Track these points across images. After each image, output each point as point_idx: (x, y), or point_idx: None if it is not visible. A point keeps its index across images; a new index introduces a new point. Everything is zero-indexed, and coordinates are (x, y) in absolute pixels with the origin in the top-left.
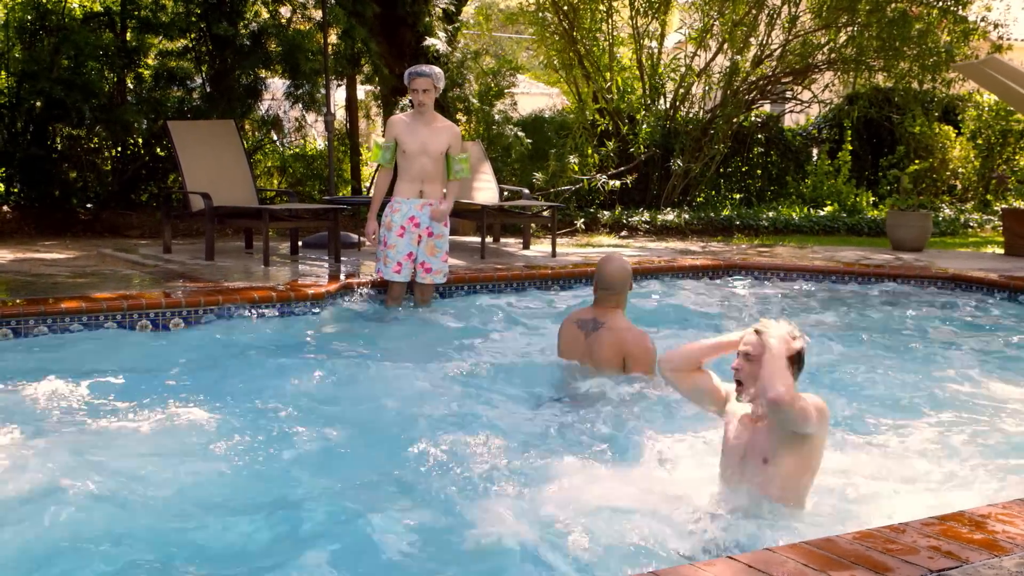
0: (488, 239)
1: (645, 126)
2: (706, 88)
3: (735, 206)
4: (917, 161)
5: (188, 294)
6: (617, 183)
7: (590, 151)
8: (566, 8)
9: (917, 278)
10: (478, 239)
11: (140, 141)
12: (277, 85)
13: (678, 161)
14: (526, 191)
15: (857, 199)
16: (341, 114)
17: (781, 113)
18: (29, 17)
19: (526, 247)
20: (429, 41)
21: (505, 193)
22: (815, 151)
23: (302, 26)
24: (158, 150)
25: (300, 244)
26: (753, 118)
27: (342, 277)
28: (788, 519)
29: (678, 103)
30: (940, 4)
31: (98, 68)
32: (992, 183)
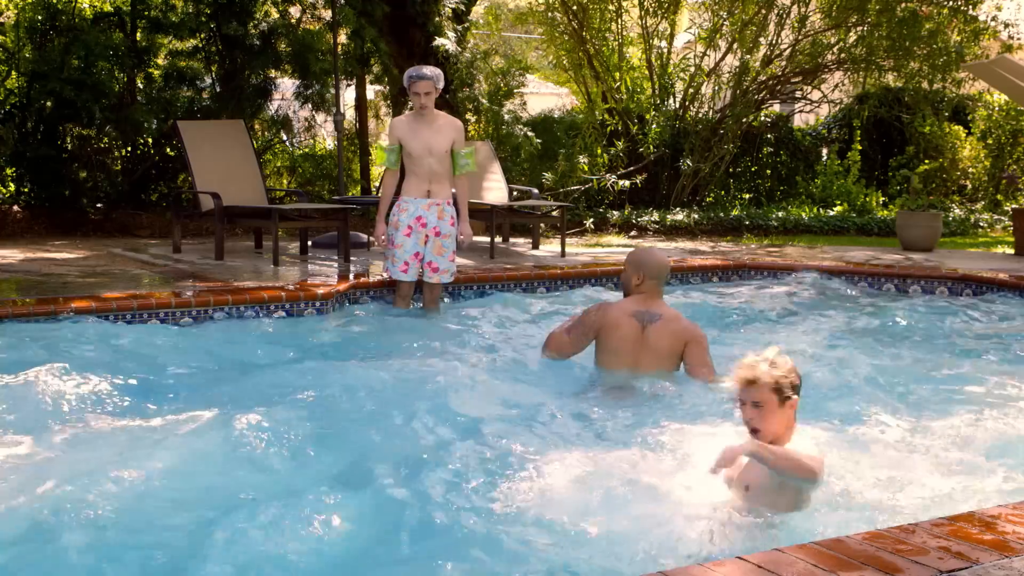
0: (497, 239)
1: (655, 126)
2: (716, 88)
3: (744, 206)
4: (927, 161)
5: (198, 294)
6: (627, 183)
7: (599, 151)
8: (575, 8)
9: (927, 278)
10: (487, 239)
11: (150, 141)
12: (287, 85)
13: (687, 161)
14: (535, 191)
15: (867, 199)
16: (351, 114)
17: (791, 113)
18: (39, 17)
19: (535, 247)
20: (439, 41)
21: (514, 193)
22: (825, 151)
23: (312, 26)
24: (168, 150)
25: (310, 244)
26: (763, 118)
27: (351, 277)
28: (798, 520)
29: (687, 103)
30: (950, 4)
31: (108, 68)
32: (1002, 183)
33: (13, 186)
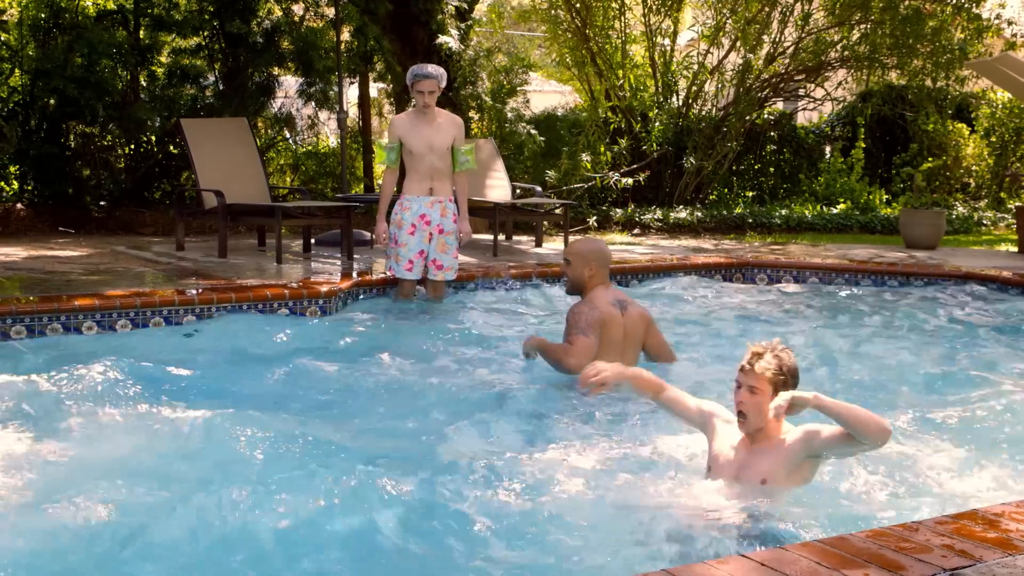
0: (500, 237)
1: (658, 124)
2: (719, 86)
3: (748, 204)
4: (930, 159)
5: (201, 292)
6: (630, 181)
7: (602, 149)
8: (578, 5)
9: (930, 276)
10: (490, 237)
11: (153, 139)
12: (290, 83)
13: (691, 159)
14: (538, 189)
15: (870, 197)
16: (354, 112)
17: (794, 111)
18: (43, 15)
19: (538, 245)
20: (442, 39)
21: (517, 191)
22: (828, 149)
23: (315, 24)
24: (171, 148)
25: (313, 242)
26: (766, 116)
27: (355, 275)
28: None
29: (691, 101)
30: (954, 1)
31: (111, 66)
32: (1006, 181)
33: (16, 184)
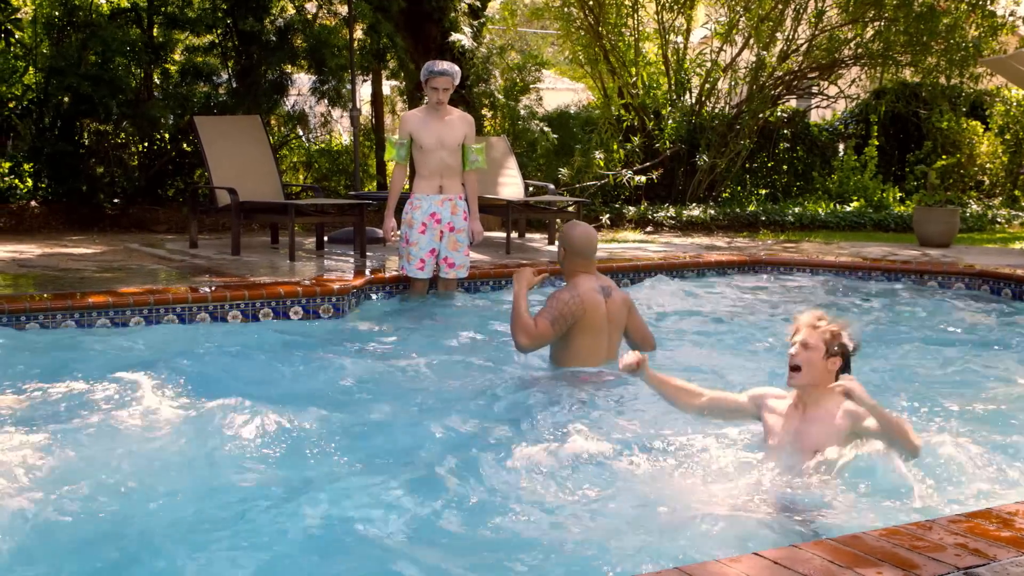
0: (513, 234)
1: (671, 121)
2: (732, 83)
3: (761, 202)
4: (944, 156)
5: (214, 289)
6: (643, 179)
7: (615, 146)
8: (591, 3)
9: (944, 274)
10: (503, 234)
11: (167, 136)
12: (303, 80)
13: (704, 157)
14: (551, 186)
15: (884, 195)
16: (367, 109)
17: (807, 108)
18: (57, 13)
19: (551, 242)
20: (454, 36)
21: (530, 188)
22: (841, 146)
23: (328, 21)
24: (184, 145)
25: (326, 239)
26: (779, 113)
27: (368, 272)
28: (815, 515)
29: (704, 98)
30: None
31: (125, 64)
32: (1020, 179)
33: (31, 181)
